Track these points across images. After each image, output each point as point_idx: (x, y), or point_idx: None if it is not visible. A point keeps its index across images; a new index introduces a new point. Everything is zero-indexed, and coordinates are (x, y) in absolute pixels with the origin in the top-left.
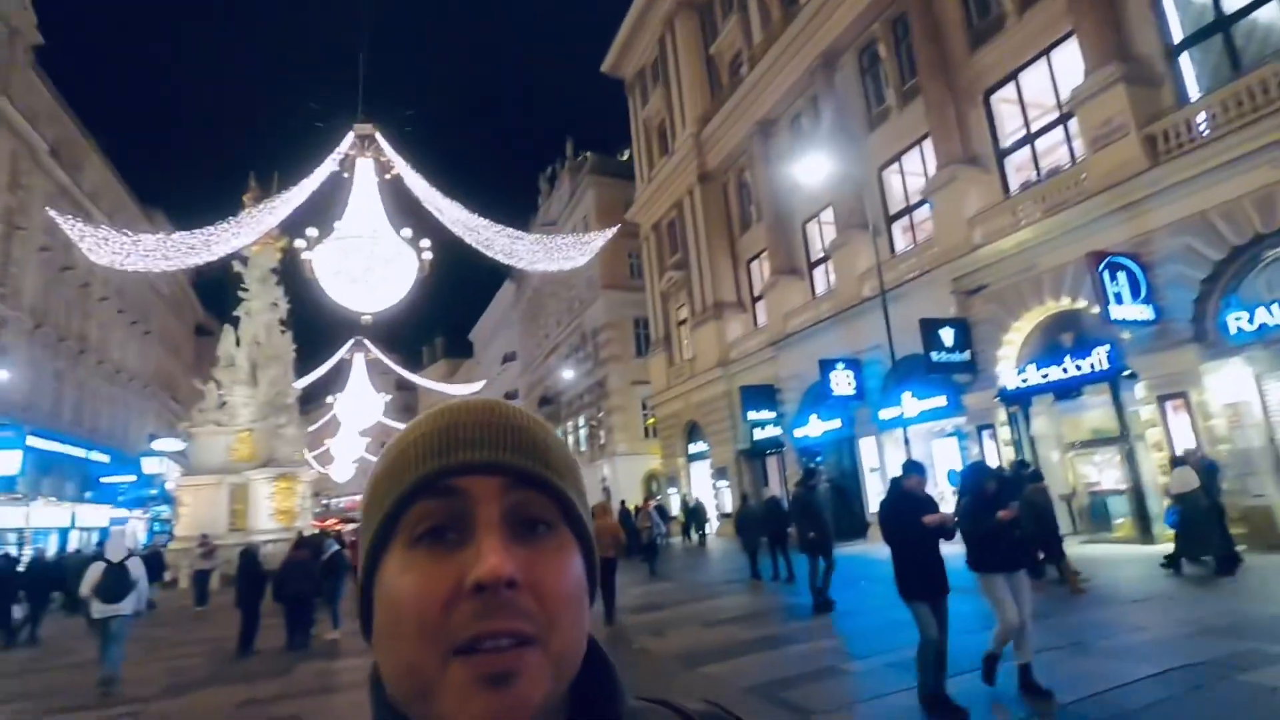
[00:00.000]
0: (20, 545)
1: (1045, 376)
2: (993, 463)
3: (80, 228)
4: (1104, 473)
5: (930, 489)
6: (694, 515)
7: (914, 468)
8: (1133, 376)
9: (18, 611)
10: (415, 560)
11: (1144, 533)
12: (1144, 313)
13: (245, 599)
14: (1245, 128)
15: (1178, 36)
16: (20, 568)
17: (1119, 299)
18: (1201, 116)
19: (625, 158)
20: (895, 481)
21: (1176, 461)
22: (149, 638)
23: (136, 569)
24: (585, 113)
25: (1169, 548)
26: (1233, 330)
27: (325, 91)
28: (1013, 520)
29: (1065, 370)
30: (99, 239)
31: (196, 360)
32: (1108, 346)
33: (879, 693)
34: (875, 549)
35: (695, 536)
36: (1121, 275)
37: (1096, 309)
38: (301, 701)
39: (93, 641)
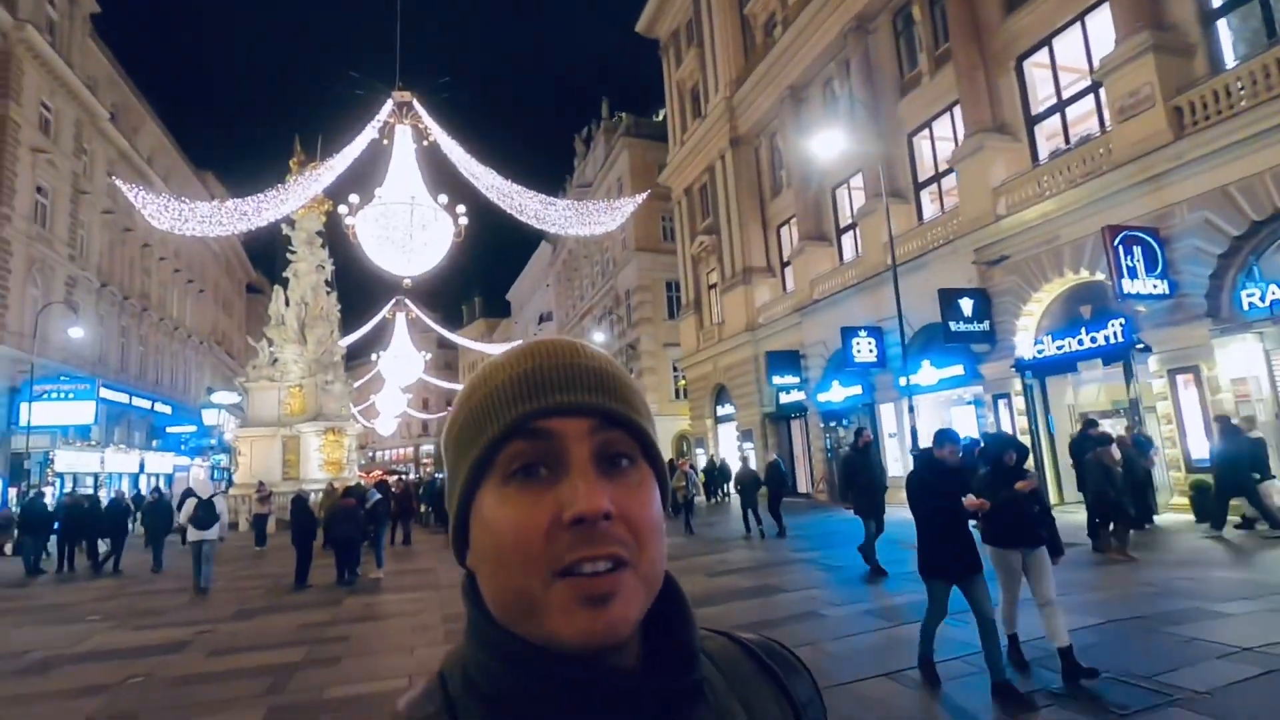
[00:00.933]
0: (96, 488)
1: (1060, 349)
2: (1010, 431)
3: (143, 195)
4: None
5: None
6: (720, 474)
7: (947, 436)
8: (1146, 350)
9: (102, 546)
10: (512, 495)
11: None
12: (1159, 287)
13: (299, 540)
14: (1269, 102)
15: (1217, 1)
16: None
17: (1133, 273)
18: (1228, 87)
19: (660, 118)
20: (924, 452)
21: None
22: (216, 573)
23: (220, 505)
24: (621, 73)
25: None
26: (1245, 306)
27: (365, 54)
28: (1032, 492)
29: (1081, 342)
30: (160, 206)
31: (247, 317)
32: (1122, 320)
33: (850, 632)
34: (894, 512)
35: (720, 496)
36: (1137, 249)
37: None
38: (350, 627)
39: (187, 561)
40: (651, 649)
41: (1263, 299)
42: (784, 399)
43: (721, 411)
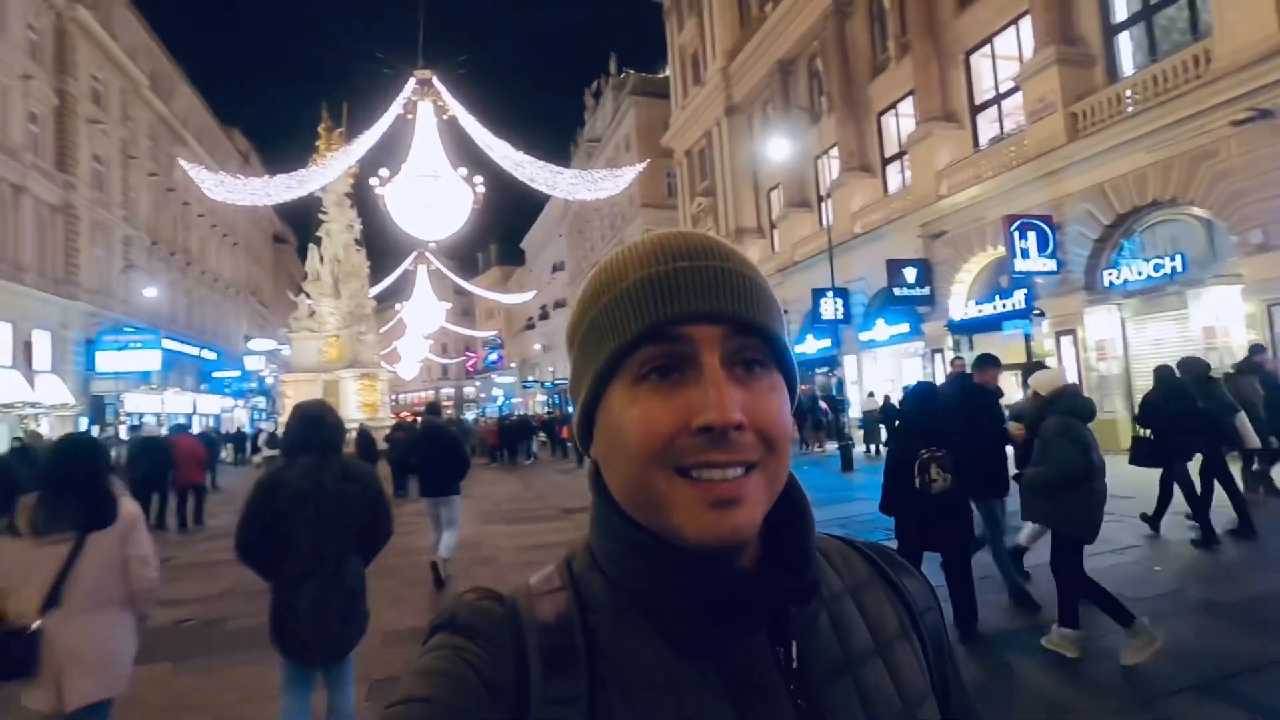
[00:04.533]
0: (158, 425)
1: (980, 312)
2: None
3: (200, 171)
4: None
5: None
6: None
7: (989, 361)
8: (1041, 315)
9: None
10: (642, 395)
11: None
12: (1048, 265)
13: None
14: (1126, 120)
15: (1120, 16)
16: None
17: (1025, 254)
18: (1117, 96)
19: (664, 76)
20: (960, 376)
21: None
22: None
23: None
24: (629, 32)
25: None
26: (1105, 283)
27: (387, 20)
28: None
29: (996, 308)
30: (215, 181)
31: (275, 267)
32: (1025, 290)
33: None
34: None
35: None
36: (1031, 234)
37: None
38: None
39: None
40: (770, 548)
41: (1118, 277)
42: None
43: None
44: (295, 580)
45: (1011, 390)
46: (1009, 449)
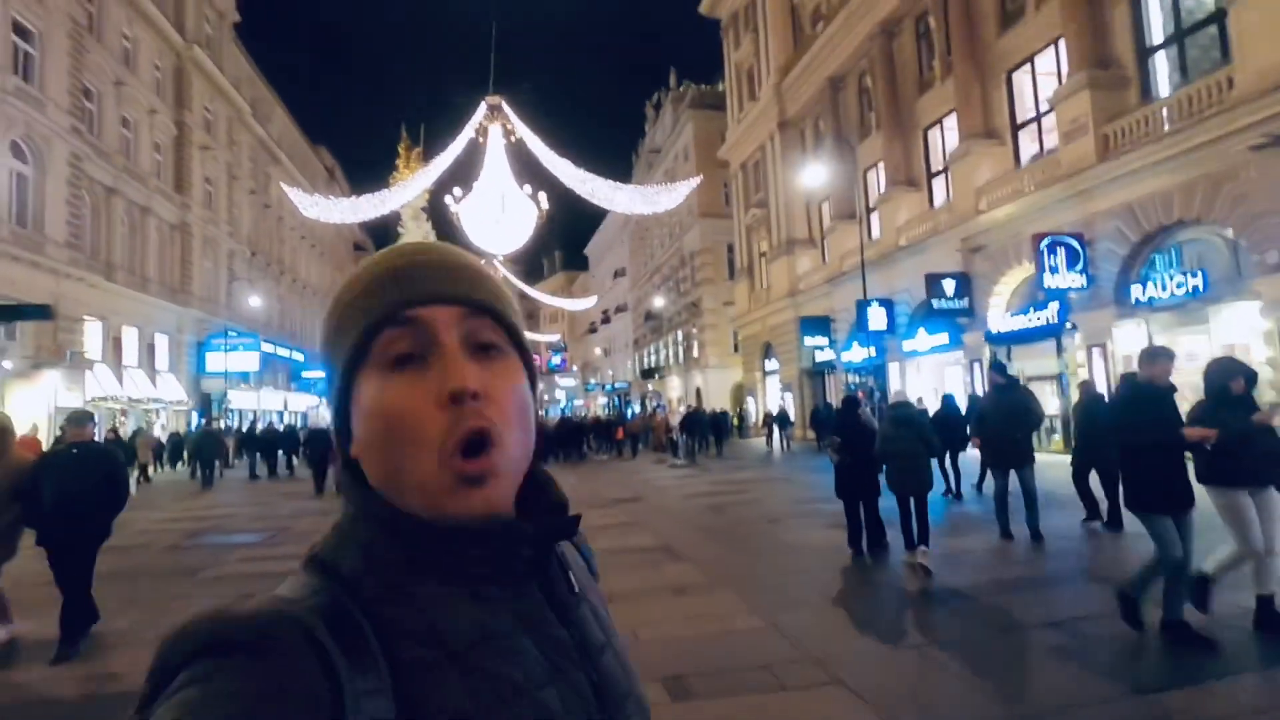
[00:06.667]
0: (253, 420)
1: (1017, 325)
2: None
3: (296, 193)
4: (1048, 400)
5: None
6: (780, 420)
7: (1160, 354)
8: (1074, 328)
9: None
10: (392, 381)
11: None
12: (1078, 280)
13: None
14: (1154, 142)
15: (1156, 39)
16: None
17: (1054, 270)
18: (1147, 118)
19: (722, 88)
20: (1128, 377)
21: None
22: None
23: None
24: (688, 45)
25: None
26: (1133, 298)
27: (458, 41)
28: (1268, 428)
29: (1030, 320)
30: (311, 201)
31: None
32: (1058, 304)
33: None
34: None
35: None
36: (1061, 250)
37: None
38: None
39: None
40: (526, 509)
41: (1144, 293)
42: (818, 357)
43: (769, 366)
44: None
45: (1045, 398)
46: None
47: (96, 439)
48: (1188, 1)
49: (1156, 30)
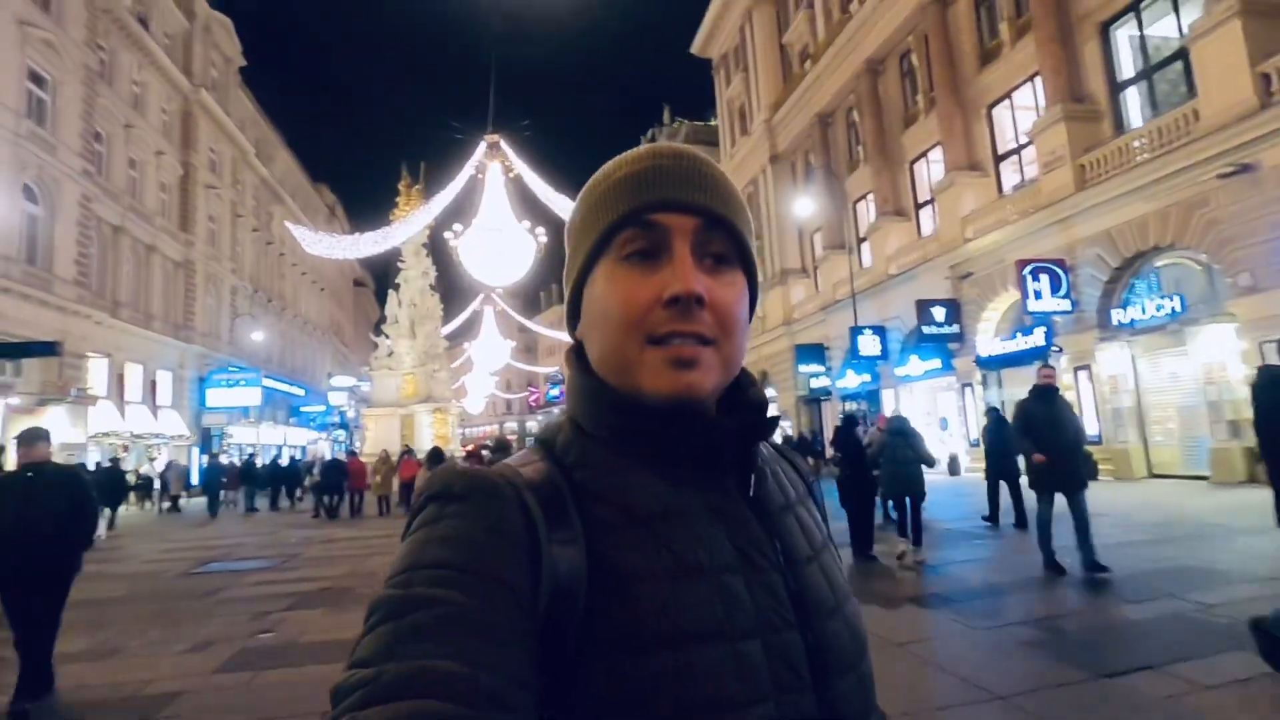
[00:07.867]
0: (253, 455)
1: (1005, 349)
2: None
3: (300, 230)
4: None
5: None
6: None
7: None
8: (1059, 351)
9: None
10: (622, 273)
11: None
12: (1062, 304)
13: None
14: (1129, 171)
15: (1127, 74)
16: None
17: (1038, 295)
18: (1120, 149)
19: (714, 124)
20: (1268, 369)
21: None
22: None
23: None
24: (682, 84)
25: None
26: (1115, 321)
27: (458, 80)
28: None
29: (1018, 344)
30: (314, 239)
31: (355, 309)
32: (1045, 328)
33: None
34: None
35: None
36: (1044, 276)
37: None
38: None
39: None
40: (727, 408)
41: (1125, 316)
42: (814, 384)
43: (768, 395)
44: None
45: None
46: None
47: (54, 459)
48: (1154, 39)
49: (1127, 66)
